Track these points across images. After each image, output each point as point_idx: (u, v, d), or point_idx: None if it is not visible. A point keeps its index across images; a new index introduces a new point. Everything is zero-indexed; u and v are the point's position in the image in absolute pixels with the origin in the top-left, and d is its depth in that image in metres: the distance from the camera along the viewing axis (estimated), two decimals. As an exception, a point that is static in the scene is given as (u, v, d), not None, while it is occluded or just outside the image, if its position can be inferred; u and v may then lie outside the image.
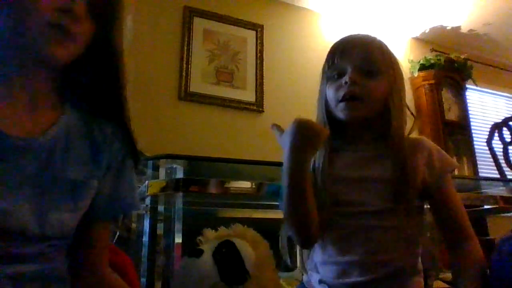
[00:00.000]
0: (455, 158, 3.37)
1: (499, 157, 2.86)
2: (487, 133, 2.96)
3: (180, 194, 1.40)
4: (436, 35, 3.80)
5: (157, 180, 1.40)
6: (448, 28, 3.72)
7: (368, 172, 0.88)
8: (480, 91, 4.08)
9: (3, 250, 0.61)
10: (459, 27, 3.71)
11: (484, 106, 4.15)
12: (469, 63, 3.66)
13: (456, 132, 3.52)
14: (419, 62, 3.55)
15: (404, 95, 0.94)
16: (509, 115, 3.16)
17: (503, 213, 2.78)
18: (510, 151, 2.87)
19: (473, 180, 2.46)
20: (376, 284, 0.83)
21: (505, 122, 2.96)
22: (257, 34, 3.09)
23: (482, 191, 2.24)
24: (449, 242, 0.89)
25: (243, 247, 0.70)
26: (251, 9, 3.14)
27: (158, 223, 1.42)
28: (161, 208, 1.43)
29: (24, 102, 0.68)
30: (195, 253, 0.72)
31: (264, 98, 2.98)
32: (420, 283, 0.89)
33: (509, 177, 2.85)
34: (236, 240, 0.72)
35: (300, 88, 3.04)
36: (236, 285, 0.73)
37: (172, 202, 1.44)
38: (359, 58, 0.88)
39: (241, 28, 3.05)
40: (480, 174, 3.54)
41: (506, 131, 2.93)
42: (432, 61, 3.54)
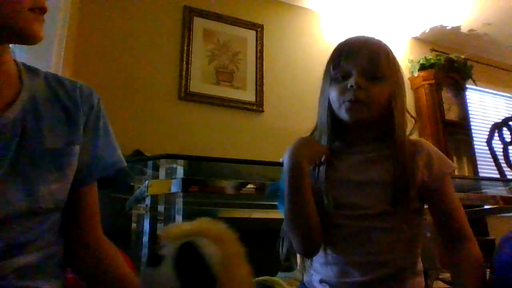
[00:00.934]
0: (455, 158, 3.37)
1: (499, 157, 2.86)
2: (487, 133, 2.97)
3: (180, 194, 1.40)
4: (436, 35, 3.80)
5: (157, 180, 1.41)
6: (448, 28, 3.72)
7: (369, 174, 0.88)
8: (480, 91, 4.09)
9: (3, 241, 0.61)
10: (459, 27, 3.71)
11: (484, 106, 4.16)
12: (469, 63, 3.66)
13: (456, 132, 3.53)
14: (419, 62, 3.55)
15: (405, 99, 0.95)
16: (509, 115, 3.16)
17: (503, 213, 2.78)
18: (510, 151, 2.87)
19: (473, 180, 2.46)
20: (376, 284, 0.84)
21: (505, 122, 2.96)
22: (257, 34, 3.09)
23: (482, 191, 2.25)
24: (447, 243, 0.90)
25: (207, 247, 0.62)
26: (251, 9, 3.14)
27: (158, 223, 1.42)
28: (161, 208, 1.43)
29: None
30: (154, 261, 0.64)
31: (264, 98, 2.98)
32: (420, 283, 0.90)
33: (509, 177, 2.86)
34: (199, 240, 0.64)
35: (300, 88, 3.04)
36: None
37: (172, 202, 1.44)
38: (365, 62, 0.88)
39: (241, 28, 3.05)
40: (480, 174, 3.54)
41: (506, 131, 2.93)
42: (432, 61, 3.54)
